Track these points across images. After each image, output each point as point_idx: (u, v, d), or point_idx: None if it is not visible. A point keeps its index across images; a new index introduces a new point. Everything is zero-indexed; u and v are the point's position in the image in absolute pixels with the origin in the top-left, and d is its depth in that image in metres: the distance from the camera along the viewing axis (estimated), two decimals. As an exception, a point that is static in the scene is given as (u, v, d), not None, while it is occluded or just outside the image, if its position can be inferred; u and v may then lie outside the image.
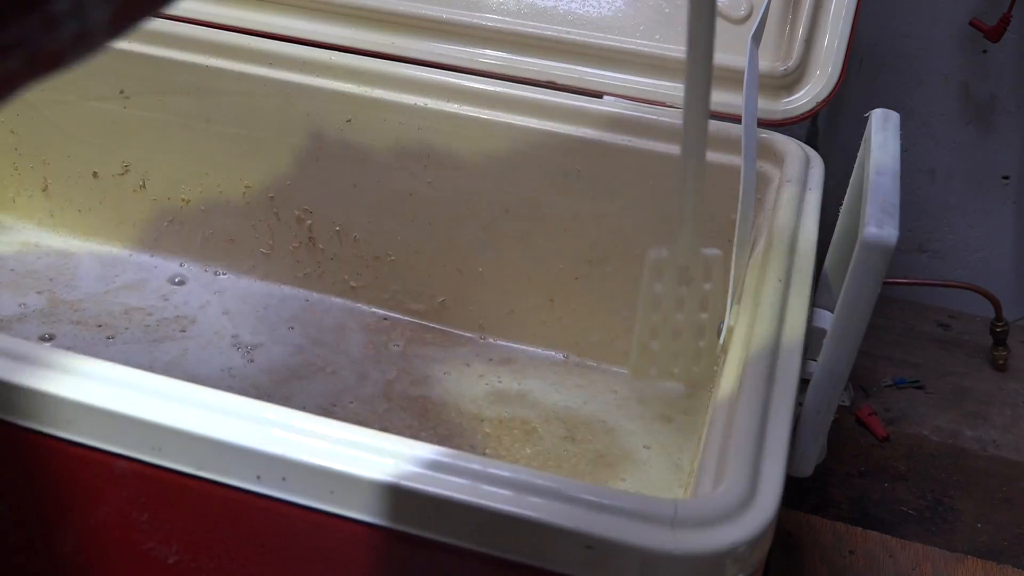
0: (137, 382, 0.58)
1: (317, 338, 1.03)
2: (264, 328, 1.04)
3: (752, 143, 0.78)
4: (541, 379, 1.00)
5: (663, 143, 0.92)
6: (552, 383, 1.00)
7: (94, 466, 0.59)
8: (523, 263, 1.01)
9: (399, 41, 1.00)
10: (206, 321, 1.04)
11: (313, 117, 1.00)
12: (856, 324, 0.62)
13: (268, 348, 1.01)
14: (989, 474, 1.14)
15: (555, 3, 0.98)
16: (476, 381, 0.99)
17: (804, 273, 0.73)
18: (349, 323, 1.05)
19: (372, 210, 1.03)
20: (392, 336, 1.04)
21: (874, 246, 0.58)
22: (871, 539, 1.03)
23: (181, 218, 1.10)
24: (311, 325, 1.04)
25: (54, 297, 1.06)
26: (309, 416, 0.56)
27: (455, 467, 0.53)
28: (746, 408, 0.59)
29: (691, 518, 0.51)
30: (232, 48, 1.01)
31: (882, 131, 0.70)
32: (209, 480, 0.56)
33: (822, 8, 0.91)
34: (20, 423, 0.59)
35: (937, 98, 1.30)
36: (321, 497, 0.54)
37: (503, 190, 0.98)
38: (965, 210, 1.36)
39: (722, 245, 0.94)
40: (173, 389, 0.57)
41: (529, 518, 0.51)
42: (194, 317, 1.04)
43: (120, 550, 0.64)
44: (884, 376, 1.27)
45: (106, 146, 1.08)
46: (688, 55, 0.69)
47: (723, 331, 0.76)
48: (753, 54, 0.79)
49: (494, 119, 0.96)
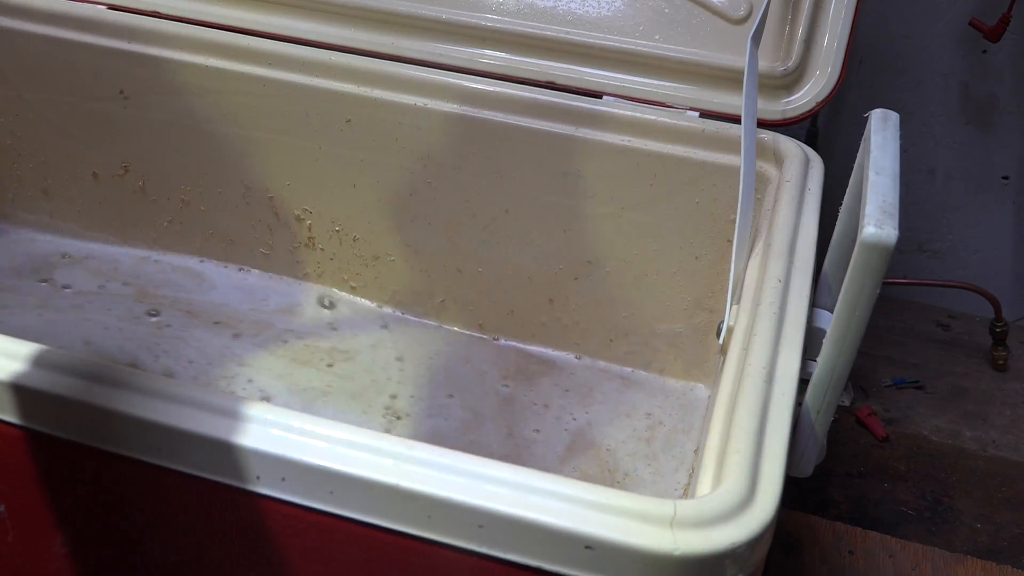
0: (138, 383, 0.58)
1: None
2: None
3: (752, 143, 0.78)
4: (542, 378, 1.00)
5: (662, 143, 0.92)
6: (551, 383, 1.00)
7: (93, 465, 0.59)
8: (523, 263, 1.01)
9: (399, 41, 1.00)
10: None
11: (313, 117, 1.00)
12: (856, 324, 0.62)
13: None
14: (989, 474, 1.14)
15: (555, 3, 0.98)
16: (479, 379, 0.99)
17: (804, 273, 0.73)
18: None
19: (372, 210, 1.03)
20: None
21: (874, 246, 0.58)
22: (871, 539, 1.03)
23: (181, 218, 1.10)
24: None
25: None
26: (309, 417, 0.56)
27: (455, 467, 0.53)
28: (746, 408, 0.59)
29: (691, 518, 0.51)
30: (232, 49, 1.01)
31: (882, 131, 0.70)
32: (209, 480, 0.56)
33: (822, 8, 0.91)
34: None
35: (937, 98, 1.30)
36: (321, 497, 0.54)
37: (503, 190, 0.98)
38: (965, 210, 1.36)
39: (722, 245, 0.94)
40: (173, 390, 0.57)
41: (529, 518, 0.51)
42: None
43: (120, 550, 0.64)
44: (884, 376, 1.27)
45: (106, 146, 1.08)
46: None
47: (723, 331, 0.76)
48: (753, 54, 0.79)
49: (494, 119, 0.96)
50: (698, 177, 0.92)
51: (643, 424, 0.96)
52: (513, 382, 1.00)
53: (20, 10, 1.05)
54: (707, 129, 0.92)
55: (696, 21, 0.95)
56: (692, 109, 0.93)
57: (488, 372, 1.01)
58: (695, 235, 0.95)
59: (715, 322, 0.95)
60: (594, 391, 0.99)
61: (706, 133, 0.91)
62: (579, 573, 0.52)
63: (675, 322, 0.98)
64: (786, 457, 0.57)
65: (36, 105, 1.08)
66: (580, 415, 0.97)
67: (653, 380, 1.00)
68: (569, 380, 1.00)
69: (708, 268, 0.95)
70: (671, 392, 0.99)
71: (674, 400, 0.98)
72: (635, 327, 1.00)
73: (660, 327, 0.99)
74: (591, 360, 1.02)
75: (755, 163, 0.82)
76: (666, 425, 0.96)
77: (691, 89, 0.94)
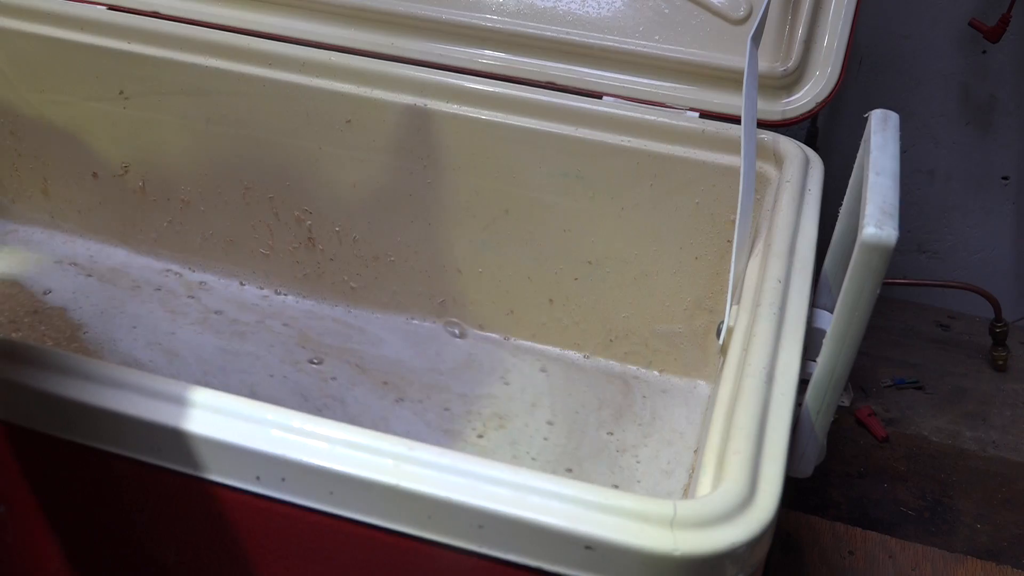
0: (137, 383, 0.58)
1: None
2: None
3: (751, 144, 0.78)
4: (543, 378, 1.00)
5: (662, 143, 0.92)
6: (552, 383, 1.00)
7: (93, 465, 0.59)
8: (523, 263, 1.01)
9: (399, 42, 1.00)
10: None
11: (313, 118, 1.00)
12: (856, 325, 0.62)
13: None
14: (988, 475, 1.14)
15: (555, 4, 0.98)
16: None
17: (803, 273, 0.73)
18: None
19: (372, 210, 1.03)
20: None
21: (874, 246, 0.58)
22: (871, 539, 1.03)
23: (181, 219, 1.10)
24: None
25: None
26: (309, 417, 0.56)
27: (455, 467, 0.53)
28: (746, 409, 0.59)
29: (691, 519, 0.51)
30: (232, 49, 1.01)
31: (881, 132, 0.70)
32: (209, 480, 0.56)
33: (822, 9, 0.91)
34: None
35: (936, 99, 1.30)
36: (320, 498, 0.54)
37: (503, 191, 0.98)
38: (964, 210, 1.36)
39: (722, 246, 0.94)
40: (172, 390, 0.57)
41: (529, 518, 0.51)
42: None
43: (120, 550, 0.64)
44: (884, 377, 1.27)
45: (106, 147, 1.08)
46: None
47: (723, 331, 0.76)
48: (753, 54, 0.80)
49: (494, 120, 0.96)
50: (698, 177, 0.92)
51: (643, 424, 0.96)
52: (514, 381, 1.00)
53: (20, 10, 1.05)
54: (707, 129, 0.92)
55: (696, 22, 0.95)
56: (692, 109, 0.93)
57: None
58: (695, 235, 0.95)
59: (715, 322, 0.95)
60: (593, 391, 0.99)
61: (706, 133, 0.91)
62: (579, 573, 0.52)
63: (675, 322, 0.99)
64: (786, 457, 0.57)
65: (36, 105, 1.08)
66: (580, 414, 0.97)
67: (653, 381, 1.00)
68: (570, 380, 1.00)
69: (708, 268, 0.95)
70: (671, 392, 0.99)
71: (674, 400, 0.98)
72: (635, 327, 1.00)
73: (660, 327, 0.99)
74: (590, 360, 1.02)
75: (755, 163, 0.82)
76: (666, 425, 0.96)
77: (691, 89, 0.95)
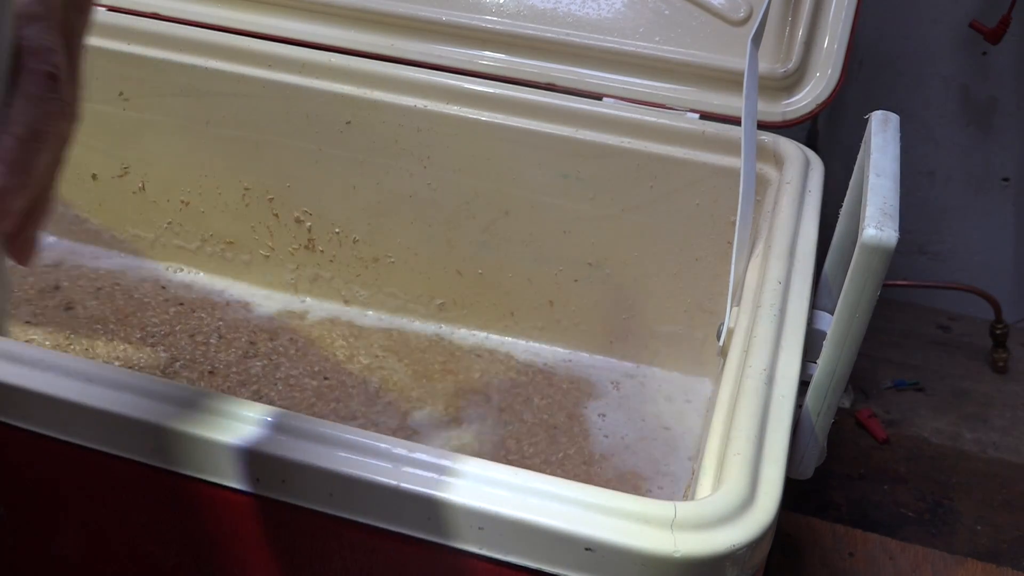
0: (137, 384, 0.58)
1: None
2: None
3: (752, 145, 0.78)
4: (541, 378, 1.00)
5: (662, 145, 0.92)
6: (551, 383, 1.00)
7: (92, 466, 0.59)
8: (523, 265, 1.01)
9: (398, 43, 1.00)
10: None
11: (313, 119, 1.00)
12: (856, 326, 0.62)
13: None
14: (989, 476, 1.14)
15: (554, 5, 0.98)
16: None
17: (804, 275, 0.73)
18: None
19: (372, 212, 1.03)
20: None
21: (874, 248, 0.58)
22: (871, 541, 1.03)
23: (180, 220, 1.10)
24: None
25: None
26: (308, 418, 0.56)
27: (455, 469, 0.53)
28: (746, 410, 0.59)
29: (691, 520, 0.51)
30: (232, 50, 1.01)
31: (882, 133, 0.70)
32: (208, 482, 0.56)
33: (822, 9, 0.91)
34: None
35: (937, 100, 1.30)
36: (320, 499, 0.54)
37: (503, 192, 0.98)
38: (965, 212, 1.36)
39: (722, 247, 0.94)
40: (171, 391, 0.57)
41: (529, 520, 0.51)
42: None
43: (120, 552, 0.64)
44: (884, 378, 1.27)
45: (105, 148, 1.08)
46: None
47: (723, 333, 0.76)
48: (753, 56, 0.80)
49: (494, 121, 0.96)
50: (698, 179, 0.92)
51: (643, 425, 0.96)
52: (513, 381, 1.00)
53: (20, 12, 1.05)
54: (707, 131, 0.92)
55: (696, 23, 0.95)
56: (692, 111, 0.93)
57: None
58: (695, 237, 0.95)
59: (715, 324, 0.95)
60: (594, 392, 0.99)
61: (706, 135, 0.91)
62: (579, 574, 0.51)
63: (675, 324, 0.98)
64: (786, 459, 0.57)
65: (36, 107, 1.08)
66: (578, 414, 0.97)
67: (653, 382, 1.00)
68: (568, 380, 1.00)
69: (708, 270, 0.95)
70: (671, 394, 0.99)
71: (674, 402, 0.98)
72: (635, 329, 1.00)
73: (660, 329, 0.99)
74: (590, 361, 1.02)
75: (755, 165, 0.82)
76: (666, 426, 0.96)
77: (691, 91, 0.94)
